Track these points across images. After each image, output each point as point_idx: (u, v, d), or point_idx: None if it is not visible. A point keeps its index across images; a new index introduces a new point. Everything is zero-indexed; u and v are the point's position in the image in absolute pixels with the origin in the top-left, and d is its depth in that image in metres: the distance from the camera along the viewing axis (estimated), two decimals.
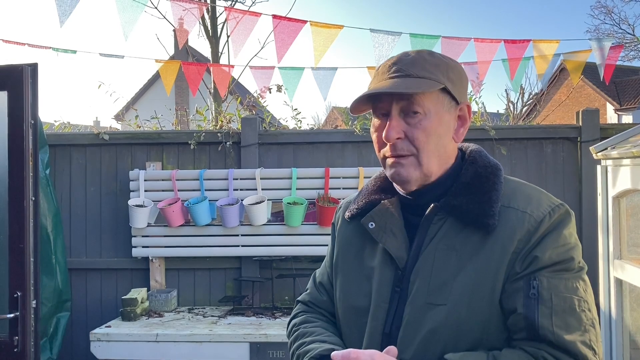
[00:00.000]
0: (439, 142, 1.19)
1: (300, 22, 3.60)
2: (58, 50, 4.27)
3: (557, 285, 1.11)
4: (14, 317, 2.70)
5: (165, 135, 4.40)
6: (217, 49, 7.85)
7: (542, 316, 1.09)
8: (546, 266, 1.12)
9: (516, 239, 1.14)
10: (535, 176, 4.22)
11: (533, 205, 1.17)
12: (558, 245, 1.14)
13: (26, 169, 2.77)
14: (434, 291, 1.16)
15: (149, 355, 3.59)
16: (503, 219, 1.16)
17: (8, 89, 2.79)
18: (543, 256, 1.12)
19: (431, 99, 1.18)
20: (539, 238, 1.14)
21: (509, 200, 1.19)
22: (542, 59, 3.96)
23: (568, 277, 1.13)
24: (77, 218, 4.38)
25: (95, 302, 4.37)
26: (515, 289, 1.12)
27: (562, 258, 1.13)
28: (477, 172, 1.23)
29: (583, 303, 1.12)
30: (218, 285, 4.34)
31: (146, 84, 22.70)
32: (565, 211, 1.18)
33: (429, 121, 1.18)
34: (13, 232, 2.76)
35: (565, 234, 1.16)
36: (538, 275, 1.12)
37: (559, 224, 1.16)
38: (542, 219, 1.15)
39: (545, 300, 1.10)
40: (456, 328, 1.13)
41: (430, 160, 1.19)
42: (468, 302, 1.13)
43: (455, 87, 1.21)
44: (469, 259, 1.15)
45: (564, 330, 1.09)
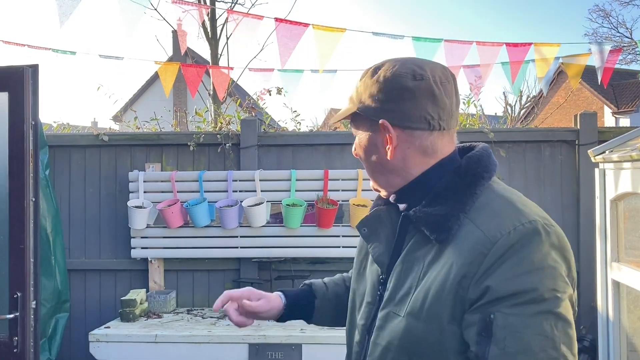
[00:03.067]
0: (373, 162, 1.21)
1: (303, 25, 3.61)
2: (58, 51, 4.28)
3: (514, 323, 0.97)
4: (13, 317, 2.71)
5: (164, 137, 4.41)
6: (217, 51, 7.87)
7: (492, 357, 0.98)
8: (503, 297, 0.99)
9: (467, 261, 1.03)
10: (533, 179, 4.24)
11: (493, 223, 1.05)
12: (519, 272, 0.99)
13: (26, 170, 2.78)
14: (398, 301, 1.13)
15: (148, 356, 3.60)
16: (462, 235, 1.07)
17: (9, 90, 2.80)
18: (497, 286, 0.99)
19: (356, 121, 1.22)
20: (493, 263, 1.00)
21: (475, 214, 1.09)
22: (543, 62, 3.98)
23: (530, 313, 0.97)
24: (76, 219, 4.39)
25: (94, 302, 4.37)
26: (471, 322, 1.02)
27: (523, 288, 0.98)
28: (453, 182, 1.14)
29: (546, 342, 0.96)
30: (217, 286, 4.34)
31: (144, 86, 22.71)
32: (533, 230, 1.03)
33: (358, 140, 1.23)
34: (13, 232, 2.77)
35: (530, 258, 1.00)
36: (494, 310, 0.99)
37: (522, 246, 1.01)
38: (497, 240, 1.02)
39: (498, 341, 0.98)
40: (412, 344, 1.08)
41: (371, 177, 1.23)
42: (417, 318, 1.08)
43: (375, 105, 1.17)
44: (426, 273, 1.10)
45: None
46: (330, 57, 3.74)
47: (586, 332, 4.08)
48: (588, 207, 4.08)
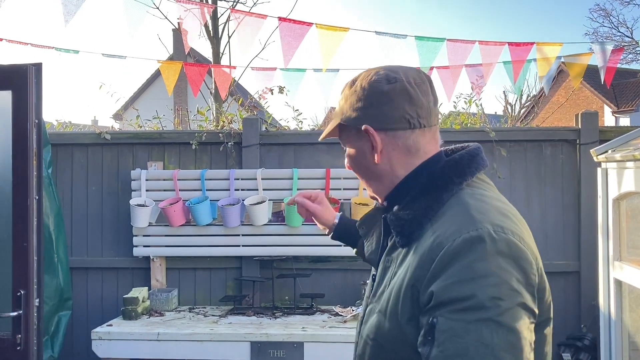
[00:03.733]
0: (364, 169, 1.26)
1: (306, 24, 3.61)
2: (61, 50, 4.29)
3: (454, 328, 0.99)
4: (17, 315, 2.72)
5: (166, 135, 4.42)
6: (219, 50, 7.87)
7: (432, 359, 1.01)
8: (444, 303, 1.01)
9: (419, 266, 1.07)
10: (534, 178, 4.25)
11: (446, 229, 1.08)
12: (459, 279, 1.01)
13: (30, 168, 2.79)
14: (378, 297, 1.19)
15: (150, 354, 3.61)
16: (423, 240, 1.11)
17: (13, 89, 2.81)
18: (439, 292, 1.02)
19: (343, 134, 1.28)
20: (439, 269, 1.03)
21: (437, 219, 1.12)
22: (545, 61, 3.99)
23: (470, 319, 0.98)
24: (78, 217, 4.39)
25: (96, 300, 4.38)
26: (422, 324, 1.05)
27: (463, 295, 1.00)
28: (424, 187, 1.17)
29: (484, 350, 0.96)
30: (219, 284, 4.36)
31: (144, 84, 22.72)
32: (477, 238, 1.03)
33: (349, 152, 1.28)
34: (17, 230, 2.78)
35: (472, 266, 1.01)
36: (437, 314, 1.01)
37: (465, 254, 1.02)
38: (443, 247, 1.04)
39: (439, 343, 1.00)
40: (383, 338, 1.14)
41: (368, 184, 1.28)
42: (384, 314, 1.14)
43: (356, 114, 1.21)
44: (394, 274, 1.16)
45: None
46: (333, 56, 3.74)
47: (587, 331, 4.10)
48: (589, 206, 4.09)
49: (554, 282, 4.17)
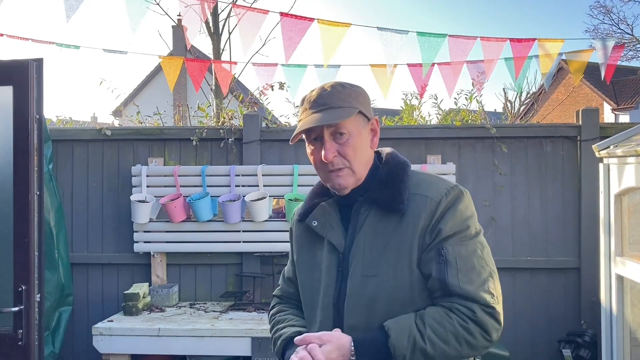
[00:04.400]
0: (362, 153, 1.52)
1: (308, 19, 3.60)
2: (62, 45, 4.28)
3: (459, 251, 1.43)
4: (18, 310, 2.72)
5: (167, 132, 4.41)
6: (219, 46, 7.85)
7: (451, 276, 1.41)
8: (449, 236, 1.44)
9: (422, 217, 1.46)
10: (534, 174, 4.25)
11: (433, 190, 1.49)
12: (456, 218, 1.46)
13: (31, 164, 2.78)
14: (367, 266, 1.48)
15: (151, 349, 3.62)
16: (412, 203, 1.48)
17: (13, 84, 2.80)
18: (445, 227, 1.44)
19: (351, 122, 1.50)
20: (440, 214, 1.45)
21: (415, 188, 1.51)
22: (547, 57, 3.97)
23: (467, 243, 1.45)
24: (79, 213, 4.39)
25: (97, 296, 4.38)
26: (429, 258, 1.44)
27: (460, 228, 1.45)
28: (390, 170, 1.55)
29: (481, 260, 1.45)
30: (219, 280, 4.36)
31: (144, 80, 22.69)
32: (459, 191, 1.50)
33: (354, 139, 1.50)
34: (18, 226, 2.77)
35: (460, 208, 1.48)
36: (444, 244, 1.43)
37: (454, 201, 1.47)
38: (439, 199, 1.47)
39: (452, 264, 1.41)
40: (389, 292, 1.45)
41: (359, 168, 1.52)
42: (393, 272, 1.45)
43: (365, 108, 1.54)
44: (390, 237, 1.48)
45: (468, 284, 1.40)
46: (335, 52, 3.73)
47: (587, 327, 4.10)
48: (589, 202, 4.10)
49: (554, 278, 4.18)
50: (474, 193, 4.23)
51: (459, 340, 1.38)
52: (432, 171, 4.09)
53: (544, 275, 4.20)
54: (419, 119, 4.91)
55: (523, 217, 4.21)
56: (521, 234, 4.20)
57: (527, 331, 4.19)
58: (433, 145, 4.25)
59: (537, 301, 4.20)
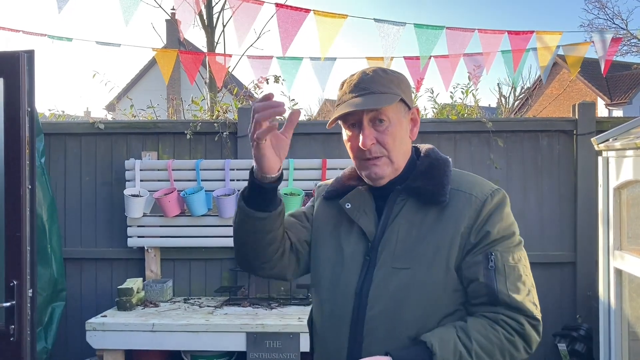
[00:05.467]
0: (401, 142, 1.46)
1: (304, 11, 3.56)
2: (54, 37, 4.23)
3: (507, 258, 1.38)
4: (10, 305, 2.68)
5: (161, 125, 4.37)
6: (213, 39, 7.79)
7: (500, 284, 1.36)
8: (496, 240, 1.39)
9: (466, 216, 1.40)
10: (531, 168, 4.23)
11: (477, 189, 1.44)
12: (502, 221, 1.41)
13: (23, 157, 2.74)
14: (399, 258, 1.41)
15: (145, 344, 3.59)
16: (454, 199, 1.42)
17: (4, 76, 2.75)
18: (493, 231, 1.39)
19: (392, 109, 1.43)
20: (486, 215, 1.40)
21: (458, 185, 1.45)
22: (545, 50, 3.95)
23: (514, 250, 1.40)
24: (72, 207, 4.35)
25: (90, 291, 4.35)
26: (476, 261, 1.38)
27: (507, 233, 1.41)
28: (431, 163, 1.49)
29: (526, 269, 1.41)
30: (214, 275, 4.33)
31: (138, 74, 22.57)
32: (503, 194, 1.45)
33: (394, 127, 1.44)
34: (9, 220, 2.73)
35: (506, 212, 1.43)
36: (493, 250, 1.38)
37: (500, 204, 1.42)
38: (485, 199, 1.41)
39: (501, 271, 1.36)
40: (419, 287, 1.38)
41: (398, 158, 1.46)
42: (427, 267, 1.38)
43: (407, 96, 1.48)
44: (427, 231, 1.41)
45: (515, 293, 1.36)
46: (331, 44, 3.70)
47: (582, 321, 4.10)
48: (586, 197, 4.09)
49: (550, 272, 4.18)
50: None
51: (504, 354, 1.35)
52: None
53: (540, 269, 4.18)
54: None
55: (519, 212, 4.20)
56: None
57: None
58: (429, 139, 4.23)
59: None
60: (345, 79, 1.51)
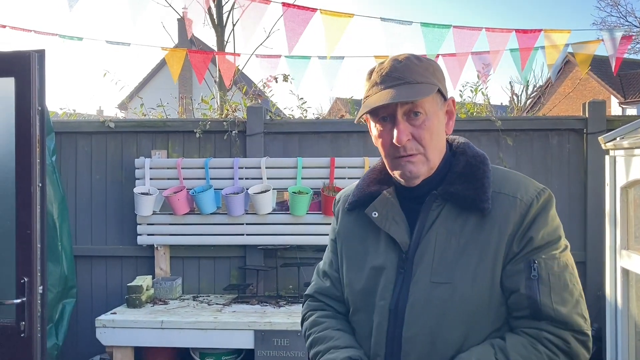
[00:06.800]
0: (438, 137, 1.32)
1: (310, 10, 3.57)
2: (64, 37, 4.27)
3: (552, 266, 1.25)
4: (20, 302, 2.71)
5: (170, 124, 4.40)
6: (223, 38, 7.82)
7: (543, 295, 1.23)
8: (540, 246, 1.26)
9: (511, 222, 1.26)
10: (540, 167, 4.21)
11: (522, 190, 1.30)
12: (547, 225, 1.27)
13: (33, 155, 2.77)
14: (438, 271, 1.27)
15: (154, 341, 3.62)
16: (496, 203, 1.28)
17: (15, 75, 2.78)
18: (537, 236, 1.25)
19: (429, 101, 1.29)
20: (530, 220, 1.27)
21: (500, 187, 1.31)
22: (553, 49, 3.93)
23: (559, 256, 1.26)
24: (82, 205, 4.39)
25: (100, 289, 4.39)
26: (517, 270, 1.25)
27: (552, 238, 1.27)
28: (469, 162, 1.34)
29: (573, 278, 1.27)
30: (223, 273, 4.35)
31: (150, 73, 22.69)
32: (549, 194, 1.31)
33: (430, 121, 1.30)
34: (20, 218, 2.77)
35: (551, 215, 1.29)
36: (536, 257, 1.25)
37: (545, 206, 1.29)
38: (531, 202, 1.27)
39: (544, 281, 1.23)
40: (461, 304, 1.25)
41: (434, 155, 1.32)
42: (472, 281, 1.25)
43: (443, 86, 1.34)
44: (469, 241, 1.28)
45: (561, 305, 1.23)
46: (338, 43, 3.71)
47: (592, 321, 4.07)
48: (596, 196, 4.06)
49: None
50: None
51: None
52: None
53: None
54: None
55: None
56: None
57: None
58: None
59: None
60: (374, 67, 1.36)
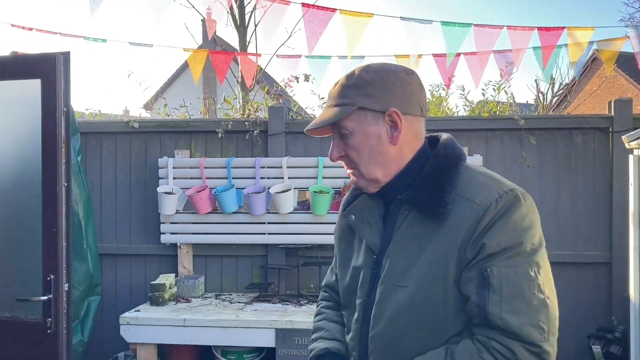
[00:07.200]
0: (372, 153, 1.32)
1: (330, 10, 3.58)
2: (89, 39, 4.34)
3: (507, 273, 1.20)
4: (47, 299, 2.77)
5: (193, 124, 4.45)
6: (245, 38, 7.87)
7: (492, 304, 1.19)
8: (495, 253, 1.21)
9: (464, 227, 1.23)
10: (564, 167, 4.15)
11: (482, 194, 1.26)
12: (507, 231, 1.22)
13: (59, 155, 2.83)
14: (399, 274, 1.30)
15: (177, 339, 3.66)
16: (455, 207, 1.26)
17: (41, 77, 2.85)
18: (491, 243, 1.21)
19: (352, 120, 1.32)
20: (486, 225, 1.22)
21: (462, 190, 1.28)
22: (576, 46, 3.86)
23: (518, 263, 1.20)
24: (107, 204, 4.46)
25: (124, 286, 4.46)
26: (470, 278, 1.23)
27: (511, 243, 1.21)
28: (439, 165, 1.32)
29: (533, 286, 1.20)
30: (244, 272, 4.39)
31: (174, 74, 22.88)
32: (514, 196, 1.25)
33: (355, 139, 1.32)
34: (46, 216, 2.83)
35: (514, 219, 1.23)
36: (489, 264, 1.20)
37: (507, 210, 1.23)
38: (487, 206, 1.23)
39: (496, 289, 1.19)
40: (417, 308, 1.26)
41: (369, 170, 1.33)
42: (425, 286, 1.25)
43: (376, 99, 1.30)
44: (426, 245, 1.28)
45: (512, 314, 1.18)
46: (358, 43, 3.70)
47: (618, 323, 4.01)
48: (621, 196, 3.99)
49: (584, 273, 4.09)
50: None
51: None
52: None
53: (574, 269, 4.11)
54: (446, 111, 4.84)
55: (552, 211, 4.13)
56: (550, 227, 4.11)
57: None
58: (460, 137, 4.19)
59: (565, 296, 4.11)
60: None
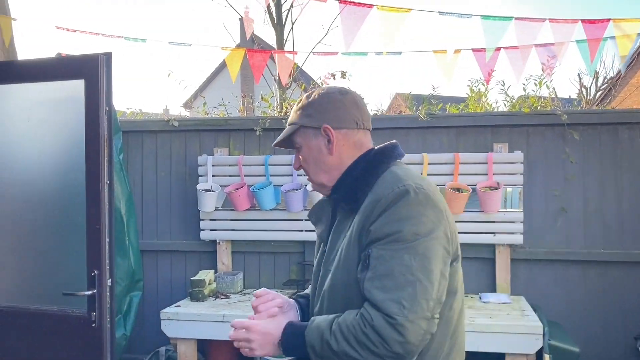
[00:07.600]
0: (316, 162, 1.60)
1: (367, 6, 3.55)
2: (129, 39, 4.43)
3: (383, 255, 1.38)
4: (91, 294, 2.85)
5: (232, 122, 4.49)
6: (282, 37, 7.90)
7: (367, 280, 1.39)
8: (379, 238, 1.40)
9: (364, 217, 1.45)
10: (609, 163, 4.03)
11: (381, 188, 1.46)
12: (391, 219, 1.40)
13: (101, 154, 2.90)
14: (330, 261, 1.55)
15: (216, 334, 3.70)
16: (366, 202, 1.48)
17: (85, 78, 2.92)
18: (376, 229, 1.41)
19: (299, 136, 1.60)
20: (377, 214, 1.42)
21: (375, 187, 1.49)
22: (625, 38, 3.71)
23: (396, 248, 1.38)
24: (148, 201, 4.55)
25: (165, 282, 4.54)
26: (360, 259, 1.45)
27: (392, 231, 1.39)
28: (363, 168, 1.55)
29: (403, 267, 1.36)
30: (282, 268, 4.41)
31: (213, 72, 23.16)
32: (404, 190, 1.42)
33: (303, 152, 1.61)
34: (90, 214, 2.90)
35: (398, 209, 1.40)
36: (372, 247, 1.41)
37: (394, 201, 1.41)
38: (380, 199, 1.43)
39: (372, 268, 1.39)
40: (336, 288, 1.50)
41: (316, 176, 1.61)
42: (341, 269, 1.49)
43: (313, 118, 1.57)
44: (344, 235, 1.52)
45: (379, 290, 1.36)
46: (395, 39, 3.66)
47: None
48: None
49: (631, 271, 3.97)
50: (543, 182, 4.08)
51: (359, 343, 1.37)
52: (499, 160, 3.96)
53: (619, 268, 3.99)
54: (486, 106, 4.76)
55: (596, 208, 4.02)
56: (594, 225, 4.01)
57: (600, 327, 4.00)
58: (500, 133, 4.12)
59: (611, 296, 4.00)
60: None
